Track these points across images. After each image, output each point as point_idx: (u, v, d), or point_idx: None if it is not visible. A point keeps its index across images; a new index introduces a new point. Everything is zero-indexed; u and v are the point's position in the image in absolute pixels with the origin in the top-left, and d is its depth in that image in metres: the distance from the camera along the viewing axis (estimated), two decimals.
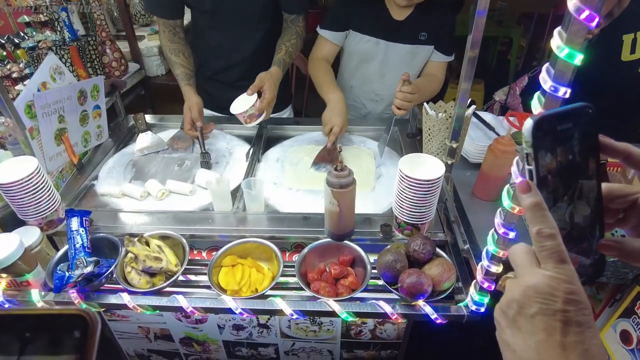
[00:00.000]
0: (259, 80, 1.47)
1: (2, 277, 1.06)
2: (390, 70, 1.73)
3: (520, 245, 0.47)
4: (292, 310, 0.99)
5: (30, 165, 1.13)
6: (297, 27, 1.68)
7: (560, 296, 0.39)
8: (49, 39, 1.94)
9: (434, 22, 1.61)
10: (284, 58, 1.60)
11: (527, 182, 0.46)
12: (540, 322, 0.39)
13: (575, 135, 0.47)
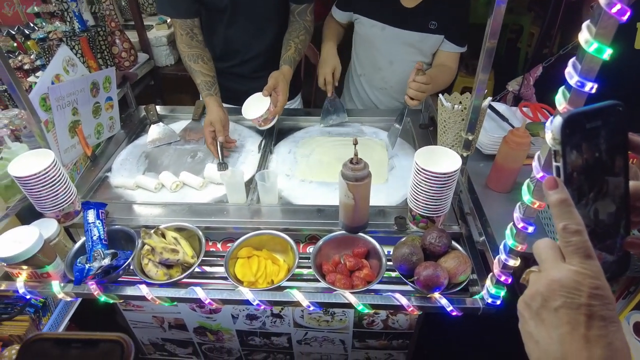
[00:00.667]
0: (273, 81, 1.46)
1: (23, 269, 1.07)
2: (399, 58, 1.71)
3: (544, 240, 0.47)
4: (308, 302, 1.00)
5: (47, 159, 1.14)
6: (305, 21, 1.64)
7: (586, 291, 0.39)
8: (59, 29, 1.93)
9: (446, 11, 1.58)
10: (294, 56, 1.59)
11: (554, 178, 0.45)
12: (564, 316, 0.39)
13: (604, 133, 0.47)
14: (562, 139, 0.45)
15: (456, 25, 1.61)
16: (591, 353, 0.37)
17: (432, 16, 1.60)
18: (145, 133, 1.69)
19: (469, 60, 3.48)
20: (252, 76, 1.74)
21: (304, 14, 1.64)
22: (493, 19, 0.96)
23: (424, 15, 1.60)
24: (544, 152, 0.70)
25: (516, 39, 4.58)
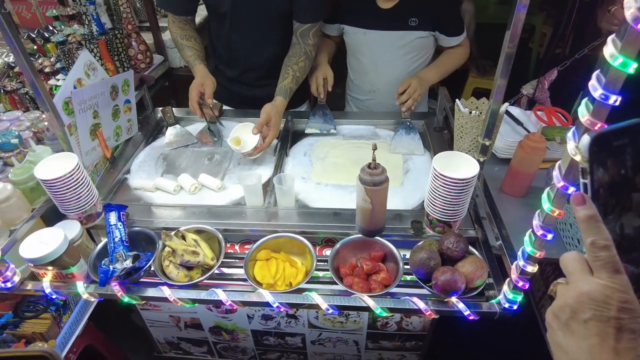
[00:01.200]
0: (265, 116, 1.45)
1: (48, 269, 1.10)
2: (383, 59, 1.74)
3: (572, 253, 0.48)
4: (327, 305, 1.01)
5: (71, 162, 1.17)
6: (307, 45, 1.61)
7: (615, 304, 0.40)
8: (78, 32, 1.96)
9: (426, 7, 1.60)
10: (290, 86, 1.58)
11: (581, 194, 0.47)
12: (593, 328, 0.41)
13: (630, 150, 0.48)
14: (590, 157, 0.46)
15: (446, 18, 1.64)
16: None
17: (411, 13, 1.61)
18: (162, 135, 1.72)
19: (480, 60, 3.47)
20: (255, 84, 1.77)
21: (307, 36, 1.60)
22: (513, 25, 0.97)
23: (403, 14, 1.62)
24: (565, 161, 0.70)
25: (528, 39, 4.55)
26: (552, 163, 1.43)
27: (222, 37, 1.70)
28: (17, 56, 1.12)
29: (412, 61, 1.73)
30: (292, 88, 1.59)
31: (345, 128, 1.72)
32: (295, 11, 1.57)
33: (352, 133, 1.69)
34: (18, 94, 1.85)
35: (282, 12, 1.59)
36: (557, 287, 0.50)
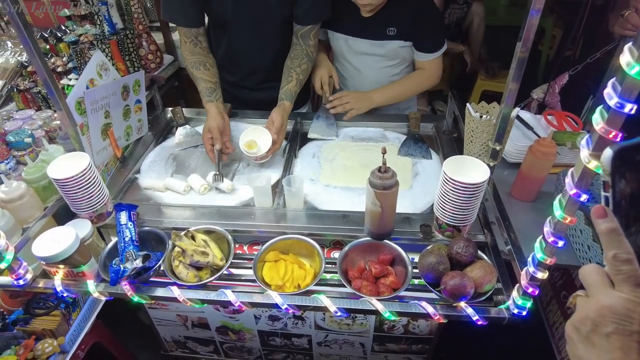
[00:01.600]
0: (279, 121, 1.48)
1: (60, 267, 1.11)
2: (364, 66, 1.75)
3: (591, 265, 0.48)
4: (336, 308, 1.02)
5: (83, 162, 1.18)
6: (308, 46, 1.62)
7: (638, 319, 0.40)
8: (90, 32, 1.98)
9: (405, 17, 1.59)
10: (295, 89, 1.59)
11: (603, 207, 0.46)
12: (616, 341, 0.40)
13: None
14: (612, 171, 0.46)
15: (422, 33, 1.62)
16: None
17: (389, 23, 1.61)
18: (172, 135, 1.73)
19: (489, 63, 3.46)
20: (256, 87, 1.78)
21: (307, 37, 1.61)
22: (526, 29, 0.96)
23: (382, 23, 1.62)
24: (577, 168, 0.70)
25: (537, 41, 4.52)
26: (562, 168, 1.42)
27: (223, 44, 1.70)
28: (32, 56, 1.14)
29: (392, 68, 1.74)
30: (296, 91, 1.60)
31: (353, 130, 1.72)
32: (297, 14, 1.57)
33: (361, 135, 1.69)
34: (31, 93, 1.87)
35: (284, 17, 1.60)
36: (577, 299, 0.49)
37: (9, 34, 2.37)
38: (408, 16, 1.58)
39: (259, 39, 1.65)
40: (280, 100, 1.56)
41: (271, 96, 1.73)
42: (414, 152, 1.55)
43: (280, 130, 1.49)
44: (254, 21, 1.59)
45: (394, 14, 1.59)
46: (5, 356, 1.36)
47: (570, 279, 1.78)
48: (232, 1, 1.53)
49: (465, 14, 3.12)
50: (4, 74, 1.98)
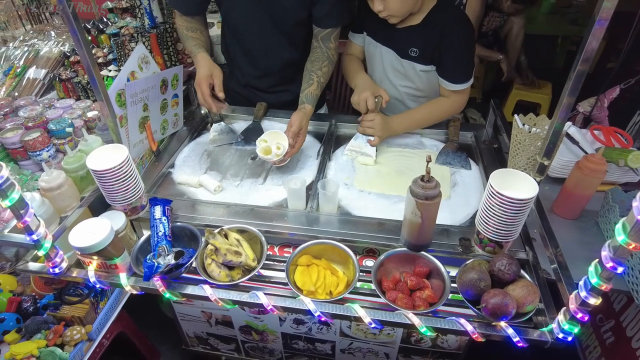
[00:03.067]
0: (298, 124, 1.42)
1: (94, 259, 1.12)
2: (386, 79, 1.68)
3: None
4: (370, 319, 0.99)
5: (122, 154, 1.18)
6: (328, 49, 1.59)
7: None
8: (130, 25, 2.00)
9: (430, 41, 1.49)
10: (316, 93, 1.54)
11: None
12: None
13: None
14: None
15: (446, 61, 1.51)
16: None
17: (413, 43, 1.53)
18: (207, 131, 1.73)
19: (527, 72, 3.36)
20: (268, 90, 1.76)
21: (328, 40, 1.58)
22: (589, 42, 0.91)
23: (406, 40, 1.53)
24: None
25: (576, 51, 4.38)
26: (609, 186, 1.36)
27: (236, 46, 1.70)
28: (79, 48, 1.15)
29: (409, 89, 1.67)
30: (317, 95, 1.56)
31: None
32: (317, 16, 1.55)
33: (397, 141, 1.65)
34: (71, 82, 1.90)
35: (297, 22, 1.57)
36: None
37: (52, 24, 2.42)
38: (434, 40, 1.48)
39: (270, 43, 1.64)
40: (301, 103, 1.53)
41: (284, 99, 1.71)
42: (452, 162, 1.51)
43: (297, 134, 1.44)
44: (268, 22, 1.57)
45: (421, 35, 1.51)
46: (36, 340, 1.38)
47: (608, 302, 1.70)
48: (245, 1, 1.52)
49: (505, 22, 3.04)
50: (47, 63, 2.02)
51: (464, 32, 1.49)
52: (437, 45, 1.49)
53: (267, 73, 1.74)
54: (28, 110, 1.64)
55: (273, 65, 1.70)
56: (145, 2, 1.97)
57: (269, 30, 1.59)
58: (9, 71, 2.04)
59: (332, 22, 1.55)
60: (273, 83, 1.73)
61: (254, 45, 1.65)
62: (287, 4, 1.50)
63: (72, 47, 2.08)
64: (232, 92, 1.81)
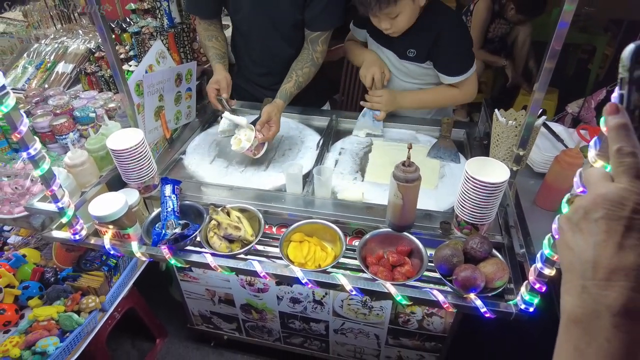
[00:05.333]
0: (265, 116, 1.55)
1: (109, 228, 1.25)
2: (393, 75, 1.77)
3: (596, 167, 0.48)
4: (352, 287, 1.09)
5: (137, 136, 1.32)
6: (315, 51, 1.70)
7: (630, 205, 0.39)
8: (151, 25, 2.16)
9: (425, 41, 1.58)
10: (291, 90, 1.67)
11: (616, 104, 0.45)
12: (603, 225, 0.41)
13: None
14: (630, 66, 0.44)
15: (444, 56, 1.60)
16: (623, 259, 0.39)
17: (410, 44, 1.61)
18: (217, 123, 1.86)
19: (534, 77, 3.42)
20: (270, 87, 1.86)
21: (316, 43, 1.69)
22: (554, 41, 1.01)
23: (404, 43, 1.62)
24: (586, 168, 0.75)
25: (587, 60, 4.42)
26: None
27: (242, 45, 1.87)
28: (105, 44, 1.31)
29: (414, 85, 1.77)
30: (292, 92, 1.68)
31: (386, 131, 1.79)
32: (307, 20, 1.66)
33: (393, 136, 1.76)
34: (95, 76, 2.06)
35: (294, 23, 1.69)
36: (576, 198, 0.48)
37: (80, 24, 2.62)
38: (430, 39, 1.57)
39: (272, 42, 1.77)
40: (275, 97, 1.65)
41: None
42: (442, 155, 1.61)
43: (267, 123, 1.56)
44: (269, 24, 1.71)
45: (416, 36, 1.59)
46: (56, 305, 1.52)
47: None
48: (249, 4, 1.66)
49: (511, 29, 3.12)
50: (74, 58, 2.20)
51: (457, 27, 1.60)
52: (433, 43, 1.58)
53: (268, 71, 1.87)
54: (56, 99, 1.80)
55: (273, 64, 1.83)
56: (165, 4, 2.12)
57: (269, 31, 1.72)
58: (40, 65, 2.22)
59: (320, 26, 1.66)
60: (274, 81, 1.84)
61: (256, 44, 1.79)
62: (284, 7, 1.63)
63: (97, 44, 2.25)
64: (240, 89, 1.94)
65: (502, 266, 1.08)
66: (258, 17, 1.68)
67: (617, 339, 0.38)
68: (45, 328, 1.47)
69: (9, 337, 1.45)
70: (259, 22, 1.71)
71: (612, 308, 0.38)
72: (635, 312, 0.38)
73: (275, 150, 1.70)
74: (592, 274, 0.40)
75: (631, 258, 0.38)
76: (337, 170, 1.57)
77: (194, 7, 1.82)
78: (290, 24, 1.70)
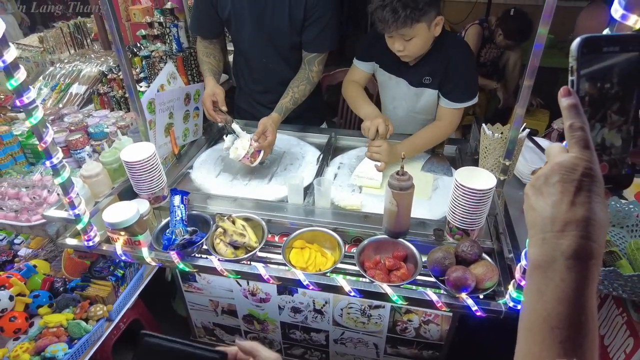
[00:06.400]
0: (261, 127, 1.64)
1: (121, 234, 1.33)
2: (398, 104, 1.87)
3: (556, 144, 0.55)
4: (350, 288, 1.16)
5: (149, 150, 1.42)
6: (311, 72, 1.81)
7: (580, 170, 0.48)
8: (160, 49, 2.30)
9: (439, 68, 1.66)
10: (287, 105, 1.77)
11: (568, 88, 0.52)
12: (558, 187, 0.48)
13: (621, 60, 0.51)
14: (578, 56, 0.51)
15: (452, 82, 1.67)
16: (574, 213, 0.47)
17: (426, 72, 1.70)
18: (222, 141, 1.95)
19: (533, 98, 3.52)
20: (269, 106, 1.92)
21: (312, 64, 1.81)
22: (530, 61, 1.11)
23: (420, 71, 1.70)
24: None
25: None
26: None
27: (243, 64, 1.99)
28: (123, 67, 1.43)
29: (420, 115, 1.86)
30: (288, 107, 1.78)
31: None
32: (305, 42, 1.80)
33: None
34: (108, 96, 2.18)
35: (292, 45, 1.82)
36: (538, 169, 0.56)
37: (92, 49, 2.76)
38: (442, 66, 1.65)
39: (271, 61, 1.89)
40: (273, 111, 1.75)
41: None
42: (436, 169, 1.70)
43: (263, 134, 1.65)
44: (269, 44, 1.83)
45: (432, 64, 1.67)
46: (65, 312, 1.58)
47: None
48: (251, 26, 1.78)
49: (502, 53, 3.27)
50: (87, 80, 2.32)
51: (467, 55, 1.70)
52: (444, 70, 1.66)
53: (267, 89, 1.99)
54: (71, 117, 1.91)
55: (272, 82, 1.95)
56: (174, 30, 2.26)
57: (269, 51, 1.85)
58: (55, 87, 2.34)
59: (317, 48, 1.79)
60: (272, 99, 1.92)
61: (256, 63, 1.91)
62: (284, 29, 1.76)
63: (108, 67, 2.38)
64: (241, 110, 2.07)
65: (492, 268, 1.15)
66: (259, 38, 1.81)
67: (569, 278, 0.45)
68: (54, 334, 1.52)
69: (20, 343, 1.50)
70: (259, 42, 1.83)
71: (566, 253, 0.46)
72: (583, 255, 0.45)
73: (278, 164, 1.79)
74: (550, 227, 0.48)
75: (581, 212, 0.46)
76: (336, 183, 1.66)
77: (198, 27, 1.93)
78: (289, 45, 1.83)
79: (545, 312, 0.46)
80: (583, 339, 0.45)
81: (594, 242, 0.46)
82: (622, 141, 0.54)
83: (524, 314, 0.50)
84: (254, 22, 1.77)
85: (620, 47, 0.51)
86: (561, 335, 0.45)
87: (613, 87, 0.52)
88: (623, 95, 0.52)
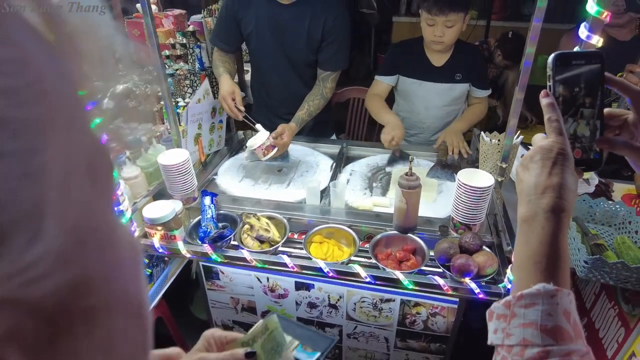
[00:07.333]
0: (280, 128, 1.88)
1: (158, 229, 1.48)
2: (432, 104, 2.14)
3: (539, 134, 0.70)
4: (366, 274, 1.31)
5: (183, 155, 1.58)
6: (325, 88, 2.01)
7: (555, 150, 0.64)
8: (183, 68, 2.50)
9: (467, 65, 2.03)
10: (303, 117, 1.98)
11: (546, 91, 0.69)
12: (540, 163, 0.64)
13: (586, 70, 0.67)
14: (553, 67, 0.67)
15: (478, 74, 2.08)
16: (551, 181, 0.61)
17: (457, 70, 2.03)
18: (243, 151, 2.13)
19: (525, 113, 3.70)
20: (284, 117, 2.11)
21: (326, 80, 2.01)
22: (521, 76, 1.29)
23: (451, 70, 2.03)
24: None
25: None
26: None
27: (260, 79, 2.19)
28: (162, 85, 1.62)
29: (453, 105, 2.15)
30: (304, 119, 2.00)
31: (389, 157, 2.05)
32: (320, 61, 2.01)
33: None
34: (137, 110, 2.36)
35: (306, 63, 2.03)
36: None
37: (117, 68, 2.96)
38: (467, 64, 2.02)
39: (287, 76, 2.08)
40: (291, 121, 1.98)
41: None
42: (440, 176, 1.86)
43: (279, 134, 1.87)
44: (286, 61, 2.02)
45: (459, 63, 2.02)
46: None
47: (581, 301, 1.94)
48: (271, 44, 1.97)
49: (501, 72, 3.47)
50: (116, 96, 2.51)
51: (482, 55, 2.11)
52: (470, 66, 2.04)
53: (282, 103, 2.18)
54: None
55: (287, 96, 2.14)
56: (197, 51, 2.46)
57: (285, 68, 2.05)
58: None
59: (331, 67, 2.00)
60: (287, 111, 2.12)
61: (273, 78, 2.11)
62: (301, 47, 1.96)
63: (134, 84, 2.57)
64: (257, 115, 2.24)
65: (492, 257, 1.30)
66: (276, 53, 2.00)
67: (547, 227, 0.61)
68: None
69: None
70: (277, 59, 2.03)
71: (545, 209, 0.61)
72: (557, 210, 0.61)
73: (294, 171, 1.95)
74: (534, 191, 0.64)
75: (556, 180, 0.62)
76: (349, 187, 1.82)
77: (218, 40, 2.08)
78: (304, 63, 2.03)
79: (530, 252, 0.62)
80: (558, 269, 0.60)
81: (565, 201, 0.62)
82: (590, 132, 0.71)
83: (516, 256, 0.65)
84: (274, 41, 1.96)
85: (585, 60, 0.67)
86: (542, 266, 0.60)
87: (581, 91, 0.69)
88: (589, 96, 0.69)
